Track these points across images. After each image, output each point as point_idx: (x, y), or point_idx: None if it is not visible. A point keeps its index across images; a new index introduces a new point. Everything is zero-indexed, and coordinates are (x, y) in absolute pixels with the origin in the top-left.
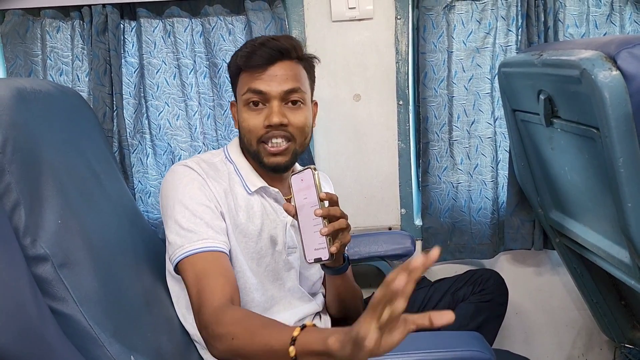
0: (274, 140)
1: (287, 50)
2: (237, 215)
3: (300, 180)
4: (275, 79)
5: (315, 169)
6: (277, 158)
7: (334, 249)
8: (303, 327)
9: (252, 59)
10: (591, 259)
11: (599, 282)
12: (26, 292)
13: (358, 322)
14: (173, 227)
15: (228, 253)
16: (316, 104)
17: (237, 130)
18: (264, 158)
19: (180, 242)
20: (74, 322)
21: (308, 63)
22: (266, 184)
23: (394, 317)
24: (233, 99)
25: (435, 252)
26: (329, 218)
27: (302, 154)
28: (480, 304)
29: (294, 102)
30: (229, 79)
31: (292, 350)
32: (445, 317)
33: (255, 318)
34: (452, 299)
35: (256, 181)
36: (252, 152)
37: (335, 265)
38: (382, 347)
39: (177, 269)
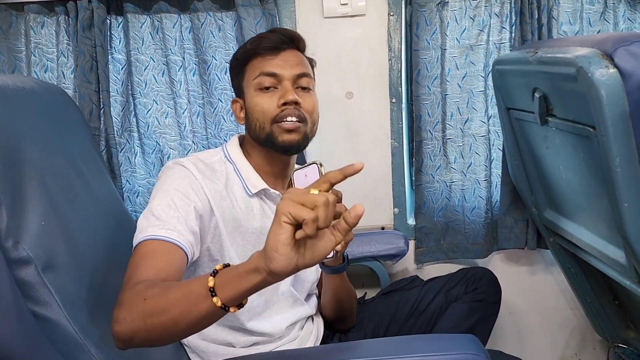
0: (289, 119)
1: (297, 38)
2: (235, 216)
3: (304, 176)
4: (288, 63)
5: (321, 164)
6: (292, 135)
7: (339, 246)
8: (227, 265)
9: (264, 42)
10: (585, 259)
11: (592, 282)
12: (7, 296)
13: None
14: (145, 213)
15: (188, 255)
16: None
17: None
18: (278, 137)
19: (145, 226)
20: (58, 327)
21: (310, 61)
22: (267, 186)
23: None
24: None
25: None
26: (334, 215)
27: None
28: (474, 303)
29: (304, 88)
30: (231, 74)
31: (211, 280)
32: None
33: (173, 282)
34: (445, 298)
35: (257, 183)
36: (265, 136)
37: (335, 264)
38: (307, 256)
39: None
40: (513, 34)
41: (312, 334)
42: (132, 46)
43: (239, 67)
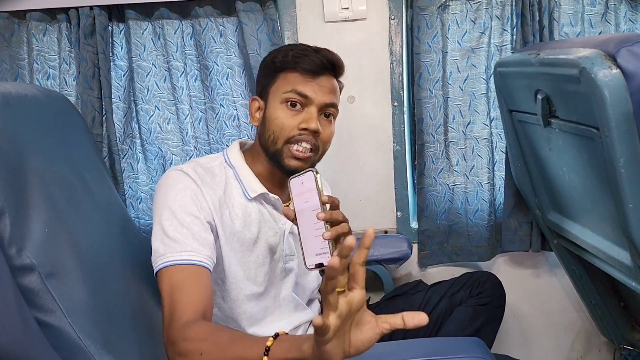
0: (303, 145)
1: (338, 67)
2: (232, 224)
3: (301, 184)
4: (323, 89)
5: (317, 172)
6: (299, 162)
7: (336, 253)
8: (276, 335)
9: (305, 61)
10: (590, 261)
11: (597, 284)
12: (11, 303)
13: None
14: (158, 234)
15: (211, 268)
16: None
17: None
18: (285, 159)
19: (163, 251)
20: (62, 334)
21: (341, 86)
22: (266, 191)
23: (355, 307)
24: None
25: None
26: (331, 222)
27: None
28: (478, 307)
29: (327, 116)
30: (260, 71)
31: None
32: (418, 318)
33: (224, 332)
34: (450, 303)
35: (256, 187)
36: (273, 151)
37: None
38: (353, 344)
39: (157, 277)
40: (514, 36)
41: None
42: (134, 53)
43: (271, 70)
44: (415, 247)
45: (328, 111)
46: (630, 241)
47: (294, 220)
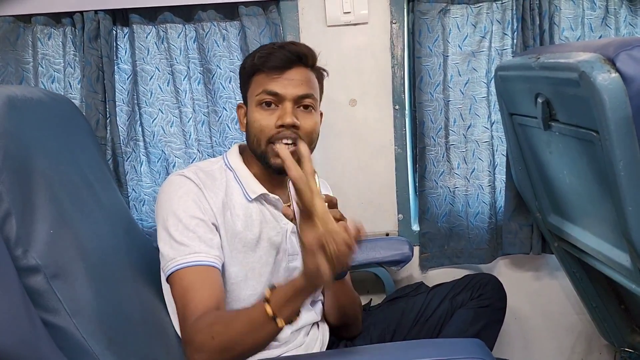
0: (284, 141)
1: (305, 56)
2: (234, 225)
3: None
4: (291, 83)
5: (314, 172)
6: None
7: None
8: (272, 287)
9: (270, 60)
10: (590, 263)
11: (598, 286)
12: (18, 304)
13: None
14: (166, 239)
15: (220, 267)
16: (321, 114)
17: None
18: (271, 159)
19: (173, 255)
20: (67, 335)
21: (319, 74)
22: (266, 191)
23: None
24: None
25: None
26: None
27: None
28: (479, 309)
29: (306, 107)
30: (240, 81)
31: (268, 308)
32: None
33: (226, 312)
34: (451, 305)
35: (256, 188)
36: (260, 153)
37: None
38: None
39: (168, 281)
40: (515, 40)
41: (317, 340)
42: (137, 56)
43: (245, 77)
44: (416, 249)
45: (305, 102)
46: (630, 244)
47: (293, 219)
